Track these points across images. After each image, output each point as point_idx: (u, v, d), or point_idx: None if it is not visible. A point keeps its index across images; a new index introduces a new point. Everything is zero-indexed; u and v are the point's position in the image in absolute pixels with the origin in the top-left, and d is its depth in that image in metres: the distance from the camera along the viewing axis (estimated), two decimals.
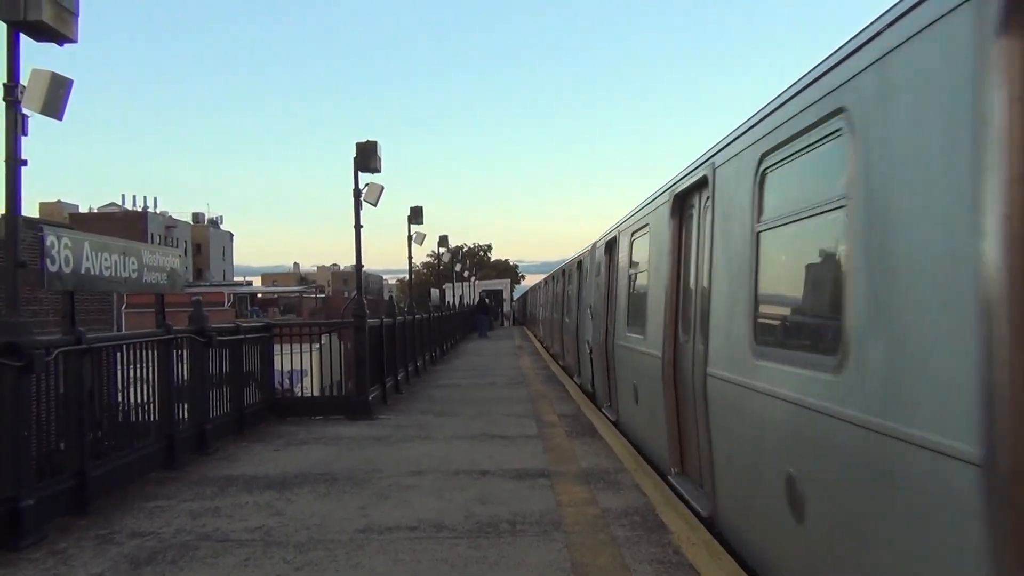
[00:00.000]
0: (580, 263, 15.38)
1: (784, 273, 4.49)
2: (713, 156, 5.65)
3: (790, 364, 3.94)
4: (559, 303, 19.71)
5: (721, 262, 5.28)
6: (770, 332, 4.52)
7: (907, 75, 2.92)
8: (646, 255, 8.11)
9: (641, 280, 8.52)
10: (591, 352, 12.61)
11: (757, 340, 4.49)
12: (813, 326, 4.06)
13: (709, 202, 5.67)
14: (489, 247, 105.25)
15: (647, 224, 8.09)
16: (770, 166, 4.42)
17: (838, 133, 3.50)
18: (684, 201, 6.64)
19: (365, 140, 12.54)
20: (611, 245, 10.98)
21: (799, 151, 4.02)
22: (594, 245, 12.94)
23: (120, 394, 7.38)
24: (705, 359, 5.42)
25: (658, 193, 7.63)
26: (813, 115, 3.75)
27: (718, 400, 5.16)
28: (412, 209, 25.09)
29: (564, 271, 19.63)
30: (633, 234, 9.08)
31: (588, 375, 13.11)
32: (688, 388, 6.13)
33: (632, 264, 9.20)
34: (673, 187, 6.85)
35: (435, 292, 44.09)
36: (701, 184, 5.97)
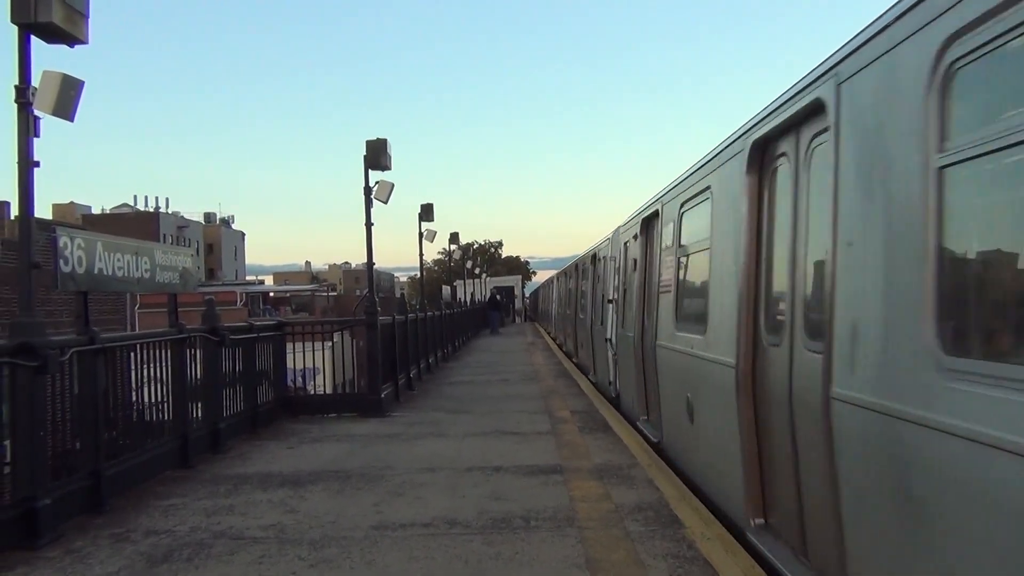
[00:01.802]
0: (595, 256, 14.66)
1: None
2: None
3: None
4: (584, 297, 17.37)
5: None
6: None
7: None
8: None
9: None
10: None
11: None
12: None
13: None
14: (500, 244, 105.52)
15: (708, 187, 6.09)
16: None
17: None
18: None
19: (375, 138, 12.51)
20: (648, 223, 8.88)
21: None
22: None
23: (134, 393, 7.42)
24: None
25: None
26: None
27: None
28: (423, 206, 25.06)
29: (577, 266, 18.69)
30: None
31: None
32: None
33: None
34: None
35: (446, 289, 44.11)
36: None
